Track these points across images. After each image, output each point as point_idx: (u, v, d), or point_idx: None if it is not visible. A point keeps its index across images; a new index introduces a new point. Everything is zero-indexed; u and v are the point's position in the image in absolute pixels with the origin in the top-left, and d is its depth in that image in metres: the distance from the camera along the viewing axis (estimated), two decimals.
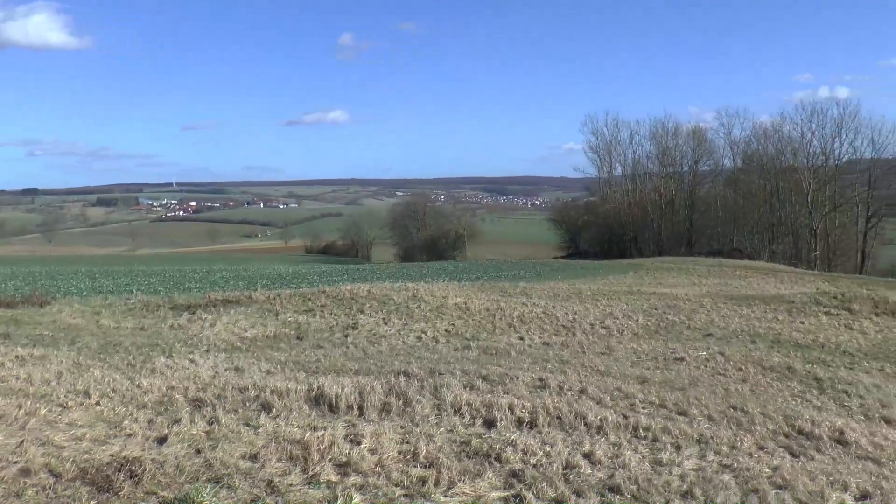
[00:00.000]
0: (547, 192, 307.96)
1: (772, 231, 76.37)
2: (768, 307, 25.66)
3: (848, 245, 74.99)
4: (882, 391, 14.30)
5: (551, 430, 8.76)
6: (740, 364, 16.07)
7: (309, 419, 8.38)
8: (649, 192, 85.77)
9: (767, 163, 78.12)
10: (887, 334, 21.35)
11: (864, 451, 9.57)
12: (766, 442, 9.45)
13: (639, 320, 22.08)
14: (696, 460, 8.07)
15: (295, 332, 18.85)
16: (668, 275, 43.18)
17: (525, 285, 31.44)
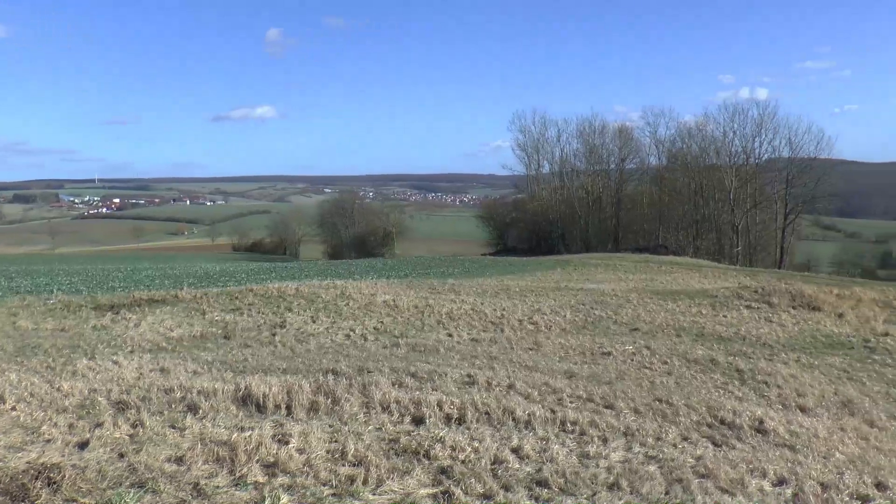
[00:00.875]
0: (475, 189, 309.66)
1: (696, 228, 78.10)
2: (693, 302, 26.23)
3: (767, 241, 77.14)
4: (798, 381, 14.76)
5: (480, 425, 8.82)
6: (666, 357, 16.40)
7: (236, 420, 8.28)
8: (577, 189, 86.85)
9: (692, 161, 79.88)
10: (803, 326, 22.01)
11: (782, 439, 9.88)
12: (690, 433, 9.67)
13: (566, 316, 22.35)
14: (622, 452, 8.22)
15: (222, 331, 18.59)
16: (595, 271, 43.78)
17: (454, 282, 31.54)
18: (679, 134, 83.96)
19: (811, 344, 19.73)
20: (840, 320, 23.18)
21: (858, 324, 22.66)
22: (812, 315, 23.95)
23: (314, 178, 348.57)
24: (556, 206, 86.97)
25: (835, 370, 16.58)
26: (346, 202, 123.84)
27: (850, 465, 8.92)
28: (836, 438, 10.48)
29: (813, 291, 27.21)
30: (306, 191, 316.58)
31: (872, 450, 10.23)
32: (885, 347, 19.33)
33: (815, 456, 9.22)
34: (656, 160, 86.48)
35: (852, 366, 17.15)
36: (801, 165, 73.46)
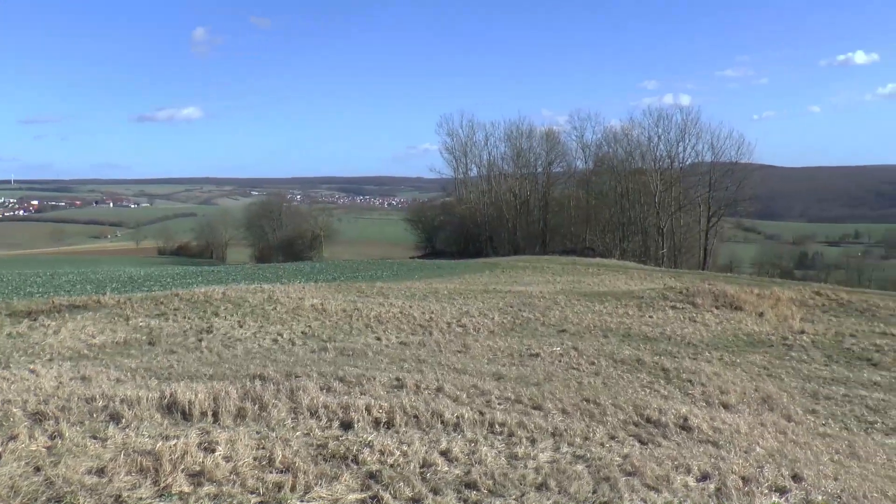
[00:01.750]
0: (404, 192, 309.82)
1: (622, 230, 79.36)
2: (619, 303, 26.63)
3: (692, 243, 78.83)
4: (721, 378, 15.12)
5: (408, 429, 8.81)
6: (593, 358, 16.61)
7: (161, 428, 8.11)
8: (504, 192, 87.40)
9: (618, 165, 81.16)
10: (726, 325, 22.54)
11: (706, 436, 10.12)
12: (617, 432, 9.83)
13: (495, 318, 22.48)
14: (550, 453, 8.30)
15: (147, 337, 18.18)
16: (523, 273, 44.14)
17: (382, 285, 31.47)
18: (605, 138, 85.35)
19: (733, 342, 20.23)
20: (760, 319, 23.81)
21: (777, 322, 23.31)
22: (734, 314, 24.53)
23: (241, 180, 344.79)
24: (484, 208, 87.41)
25: (755, 367, 17.04)
26: (273, 205, 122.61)
27: (769, 458, 9.18)
28: (756, 433, 10.78)
29: (735, 291, 27.87)
30: (233, 193, 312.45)
31: (790, 443, 10.56)
32: (802, 344, 19.93)
33: (737, 451, 9.47)
34: (583, 164, 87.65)
35: (772, 363, 17.66)
36: (723, 170, 75.31)
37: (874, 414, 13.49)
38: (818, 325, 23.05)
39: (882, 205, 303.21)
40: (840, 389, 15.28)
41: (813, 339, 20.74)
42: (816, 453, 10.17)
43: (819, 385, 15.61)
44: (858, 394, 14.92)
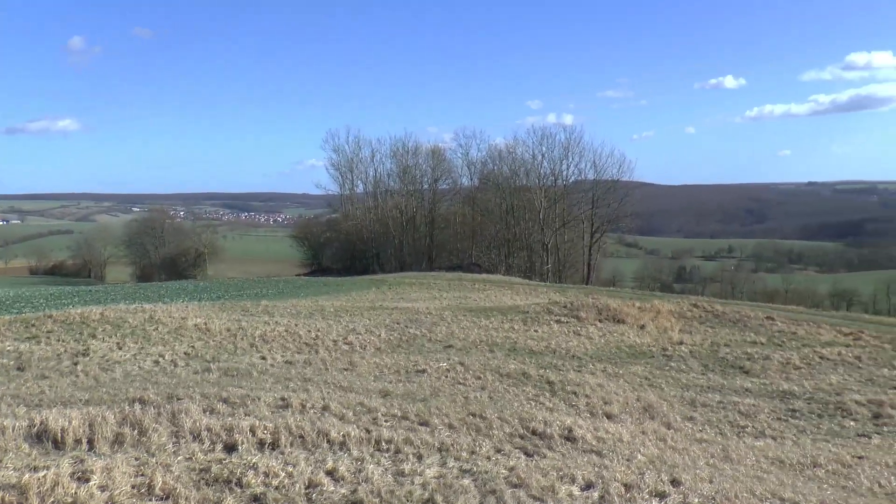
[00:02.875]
0: (290, 208, 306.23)
1: (508, 246, 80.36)
2: (505, 318, 26.95)
3: (576, 258, 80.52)
4: (605, 389, 15.49)
5: (294, 449, 8.67)
6: (479, 373, 16.74)
7: (29, 459, 7.69)
8: (391, 209, 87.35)
9: (503, 182, 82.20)
10: (609, 338, 23.11)
11: (590, 445, 10.35)
12: (503, 445, 9.92)
13: (381, 335, 22.41)
14: (437, 468, 8.30)
15: (15, 362, 17.32)
16: (409, 289, 44.19)
17: (267, 303, 30.98)
18: (490, 156, 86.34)
19: (616, 354, 20.74)
20: (642, 331, 24.50)
21: (658, 334, 24.04)
22: (617, 327, 25.17)
23: (122, 195, 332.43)
24: (371, 225, 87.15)
25: (637, 378, 17.53)
26: (155, 221, 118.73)
27: (650, 465, 9.44)
28: (638, 441, 11.09)
29: (617, 305, 28.59)
30: (113, 209, 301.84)
31: (669, 449, 10.90)
32: (680, 355, 20.62)
33: (619, 459, 9.71)
34: (469, 181, 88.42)
35: (652, 373, 18.20)
36: (606, 187, 77.19)
37: (746, 419, 14.09)
38: (696, 336, 23.88)
39: (751, 221, 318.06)
40: (715, 397, 15.88)
41: (691, 349, 21.48)
42: (694, 458, 10.53)
43: (696, 393, 16.18)
44: (732, 400, 15.55)
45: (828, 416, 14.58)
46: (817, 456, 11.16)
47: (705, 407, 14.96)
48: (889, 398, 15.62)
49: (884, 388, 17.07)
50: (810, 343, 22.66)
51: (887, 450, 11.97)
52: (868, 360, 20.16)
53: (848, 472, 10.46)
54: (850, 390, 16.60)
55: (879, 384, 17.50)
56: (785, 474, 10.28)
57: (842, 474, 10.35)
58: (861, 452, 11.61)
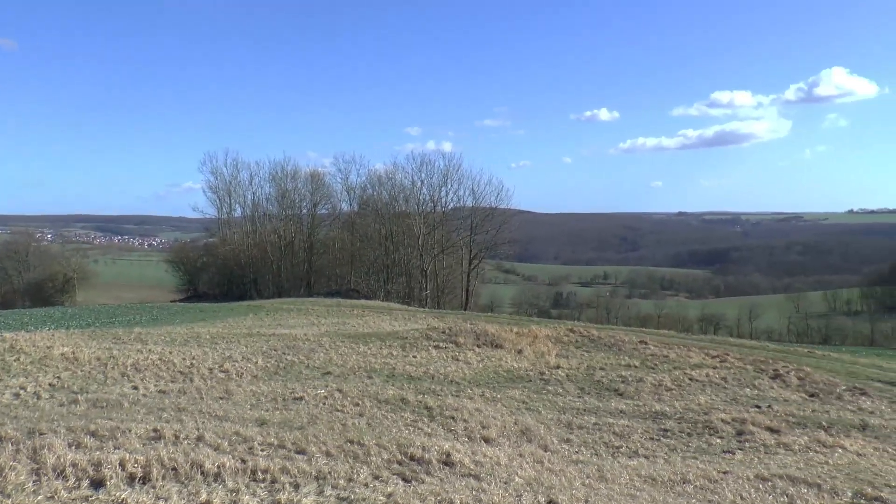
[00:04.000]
0: (166, 231, 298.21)
1: (387, 272, 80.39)
2: (384, 343, 26.88)
3: (454, 284, 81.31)
4: (483, 414, 15.61)
5: (166, 482, 8.39)
6: (357, 399, 16.61)
7: None
8: (269, 233, 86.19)
9: (382, 208, 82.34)
10: (487, 363, 23.33)
11: (468, 470, 10.41)
12: (381, 471, 9.88)
13: (258, 362, 21.97)
14: (314, 497, 8.21)
15: None
16: (288, 316, 43.59)
17: (140, 331, 29.97)
18: (370, 181, 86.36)
19: (494, 379, 20.95)
20: (519, 356, 24.84)
21: (535, 358, 24.42)
22: (495, 352, 25.43)
23: None
24: (249, 250, 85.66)
25: (515, 402, 17.73)
26: (19, 244, 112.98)
27: (527, 487, 9.57)
28: (515, 464, 11.22)
29: (495, 330, 28.91)
30: None
31: (546, 471, 11.08)
32: (557, 379, 21.00)
33: (497, 482, 9.81)
34: (348, 206, 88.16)
35: (530, 397, 18.45)
36: (484, 214, 78.34)
37: (620, 439, 14.45)
38: (572, 359, 24.38)
39: (626, 248, 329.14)
40: (591, 419, 16.23)
41: (567, 373, 21.91)
42: (570, 479, 10.73)
43: (573, 416, 16.50)
44: (607, 421, 15.92)
45: (696, 434, 15.11)
46: (686, 472, 11.55)
47: (581, 429, 15.26)
48: (751, 416, 16.33)
49: (746, 406, 17.86)
50: (681, 365, 23.48)
51: (749, 464, 12.51)
52: (733, 381, 21.05)
53: (714, 486, 10.88)
54: (716, 409, 17.27)
55: (743, 403, 18.30)
56: (657, 491, 10.59)
57: (709, 489, 10.75)
58: (726, 468, 12.09)
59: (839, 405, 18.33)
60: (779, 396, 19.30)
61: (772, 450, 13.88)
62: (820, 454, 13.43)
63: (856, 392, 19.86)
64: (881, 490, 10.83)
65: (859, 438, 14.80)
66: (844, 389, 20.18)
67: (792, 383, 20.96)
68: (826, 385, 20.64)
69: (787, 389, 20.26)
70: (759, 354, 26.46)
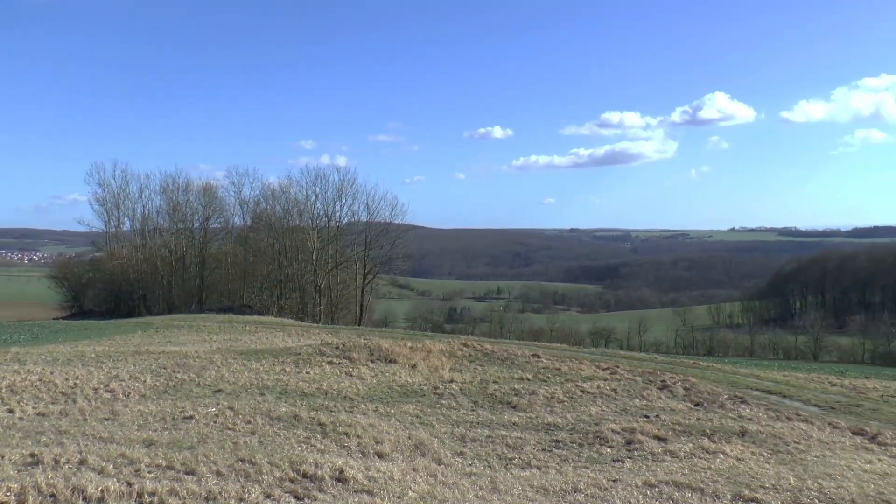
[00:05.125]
0: (48, 246, 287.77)
1: (280, 287, 79.34)
2: (276, 360, 26.48)
3: (348, 299, 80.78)
4: (376, 429, 15.54)
5: None
6: (249, 417, 16.32)
7: None
8: (160, 248, 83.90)
9: (276, 222, 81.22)
10: (381, 378, 23.26)
11: (361, 486, 10.37)
12: (273, 490, 9.73)
13: (147, 381, 21.33)
14: None
15: None
16: (178, 332, 42.50)
17: (19, 350, 28.74)
18: (263, 195, 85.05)
19: (388, 394, 20.89)
20: (413, 371, 24.85)
21: (429, 373, 24.47)
22: (389, 367, 25.39)
23: None
24: (138, 265, 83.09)
25: (409, 416, 17.72)
26: None
27: (420, 501, 9.59)
28: (409, 479, 11.22)
29: (389, 345, 28.88)
30: None
31: (440, 485, 11.12)
32: (451, 393, 21.10)
33: (390, 497, 9.81)
34: (241, 220, 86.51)
35: (424, 411, 18.47)
36: (378, 229, 78.15)
37: (513, 451, 14.61)
38: (466, 374, 24.53)
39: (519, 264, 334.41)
40: (485, 431, 16.35)
41: (461, 387, 22.03)
42: (463, 491, 10.80)
43: (466, 429, 16.58)
44: (500, 434, 16.07)
45: (588, 444, 15.40)
46: (578, 482, 11.76)
47: (475, 442, 15.36)
48: (640, 425, 16.76)
49: (635, 416, 18.32)
50: (573, 378, 23.92)
51: (637, 472, 12.84)
52: (623, 392, 21.57)
53: (604, 494, 11.12)
54: (607, 420, 17.66)
55: (632, 413, 18.77)
56: (549, 501, 10.76)
57: (599, 497, 10.99)
58: (616, 476, 12.38)
59: (721, 413, 19.01)
60: (666, 406, 19.88)
61: (659, 457, 14.27)
62: (703, 460, 13.90)
63: (736, 400, 20.64)
64: (756, 491, 11.36)
65: (739, 444, 15.40)
66: (726, 398, 20.94)
67: (678, 393, 21.63)
68: (710, 394, 21.38)
69: (674, 399, 20.89)
70: (647, 366, 27.22)
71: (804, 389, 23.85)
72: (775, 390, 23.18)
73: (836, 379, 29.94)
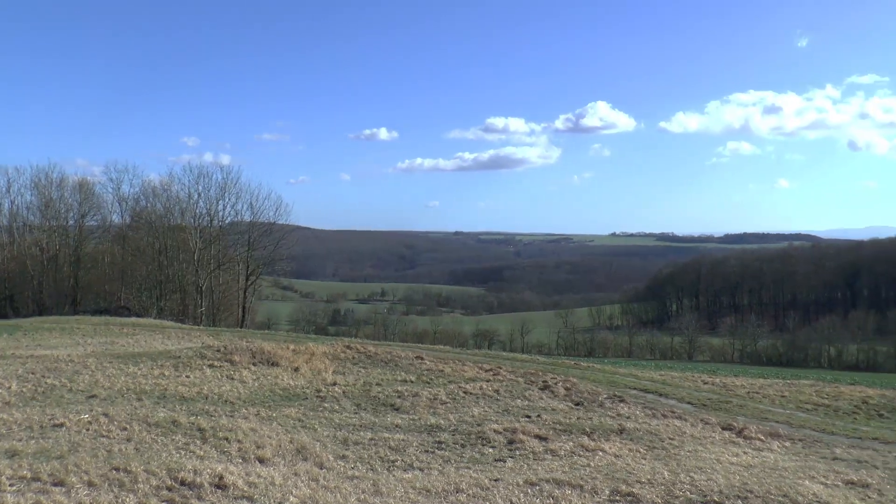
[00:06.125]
0: None
1: (160, 288, 77.04)
2: (155, 364, 25.68)
3: (231, 301, 79.20)
4: (258, 434, 15.25)
5: None
6: (125, 423, 15.75)
7: None
8: (30, 246, 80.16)
9: (156, 221, 78.83)
10: (263, 381, 22.88)
11: (241, 492, 10.19)
12: (149, 498, 9.48)
13: (12, 387, 20.30)
14: None
15: None
16: (49, 335, 40.68)
17: None
18: (144, 192, 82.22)
19: (270, 398, 20.57)
20: (296, 374, 24.54)
21: (312, 376, 24.22)
22: (271, 370, 24.98)
23: None
24: (6, 264, 79.10)
25: (291, 420, 17.49)
26: None
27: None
28: (290, 484, 11.09)
29: (272, 348, 28.42)
30: None
31: (322, 489, 11.04)
32: (334, 395, 20.95)
33: (271, 502, 9.63)
34: (119, 218, 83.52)
35: (306, 415, 18.27)
36: (262, 229, 76.89)
37: (395, 453, 14.61)
38: (349, 376, 24.41)
39: (404, 266, 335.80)
40: (367, 434, 16.30)
41: (344, 389, 21.89)
42: (345, 495, 10.75)
43: (349, 432, 16.49)
44: (383, 436, 16.05)
45: (470, 445, 15.55)
46: (460, 482, 11.86)
47: (357, 445, 15.29)
48: (521, 425, 17.05)
49: (517, 416, 18.63)
50: (456, 380, 24.11)
51: (518, 471, 13.06)
52: (505, 393, 21.87)
53: (486, 494, 11.26)
54: (489, 420, 17.87)
55: (514, 413, 19.06)
56: (431, 502, 10.82)
57: (480, 497, 11.12)
58: (497, 475, 12.55)
59: (601, 412, 19.54)
60: (547, 406, 20.28)
61: (540, 456, 14.56)
62: (583, 458, 14.27)
63: (615, 399, 21.26)
64: (633, 486, 11.77)
65: (617, 441, 15.89)
66: (606, 397, 21.54)
67: (559, 393, 22.10)
68: (590, 394, 21.94)
69: (555, 399, 21.33)
70: (530, 367, 27.71)
71: (679, 388, 24.80)
72: (652, 389, 24.00)
73: (709, 377, 31.29)
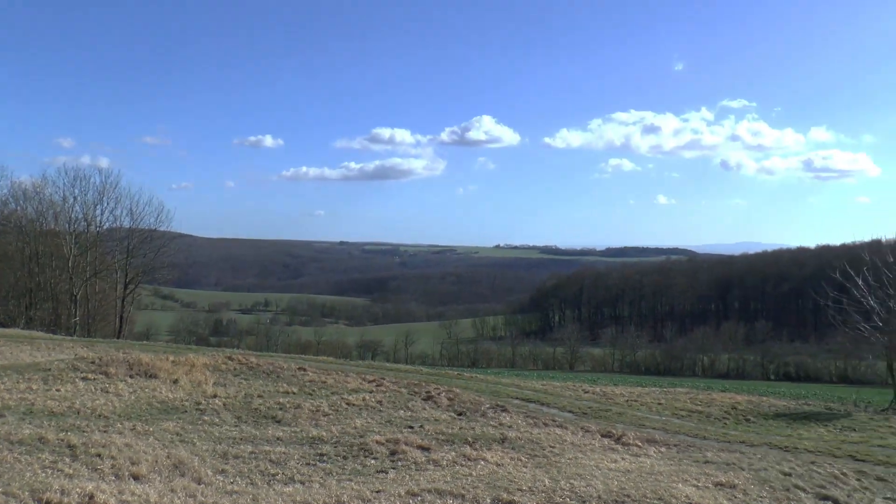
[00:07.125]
0: None
1: (30, 296, 73.70)
2: (21, 377, 24.51)
3: (108, 310, 76.50)
4: (133, 449, 14.76)
5: None
6: None
7: None
8: None
9: (27, 225, 75.47)
10: (140, 394, 22.18)
11: None
12: None
13: None
14: None
15: None
16: None
17: None
18: (13, 194, 78.48)
19: (147, 411, 19.96)
20: (175, 386, 23.90)
21: (192, 388, 23.63)
22: (149, 383, 24.24)
23: None
24: None
25: (169, 434, 17.00)
26: None
27: None
28: (166, 500, 10.81)
29: (150, 359, 27.57)
30: None
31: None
32: (214, 408, 20.50)
33: None
34: None
35: (185, 428, 17.79)
36: (142, 236, 74.61)
37: (276, 466, 14.41)
38: (230, 388, 23.94)
39: (288, 276, 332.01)
40: (248, 447, 16.01)
41: (225, 402, 21.46)
42: None
43: (229, 445, 16.17)
44: (264, 449, 15.80)
45: (352, 457, 15.49)
46: (341, 495, 11.78)
47: (237, 458, 14.99)
48: (404, 436, 17.10)
49: (400, 427, 18.66)
50: (339, 391, 23.98)
51: (401, 482, 13.07)
52: (388, 404, 21.89)
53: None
54: (372, 432, 17.84)
55: (397, 424, 19.09)
56: None
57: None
58: (379, 487, 12.52)
59: (483, 421, 19.78)
60: (430, 416, 20.39)
61: (423, 466, 14.62)
62: (465, 467, 14.40)
63: (497, 409, 21.56)
64: (514, 494, 11.97)
65: (499, 450, 16.12)
66: (488, 407, 21.82)
67: (442, 404, 22.25)
68: (472, 404, 22.17)
69: (438, 409, 21.47)
70: (413, 378, 27.80)
71: (560, 397, 25.35)
72: (534, 398, 24.45)
73: (589, 387, 32.02)
